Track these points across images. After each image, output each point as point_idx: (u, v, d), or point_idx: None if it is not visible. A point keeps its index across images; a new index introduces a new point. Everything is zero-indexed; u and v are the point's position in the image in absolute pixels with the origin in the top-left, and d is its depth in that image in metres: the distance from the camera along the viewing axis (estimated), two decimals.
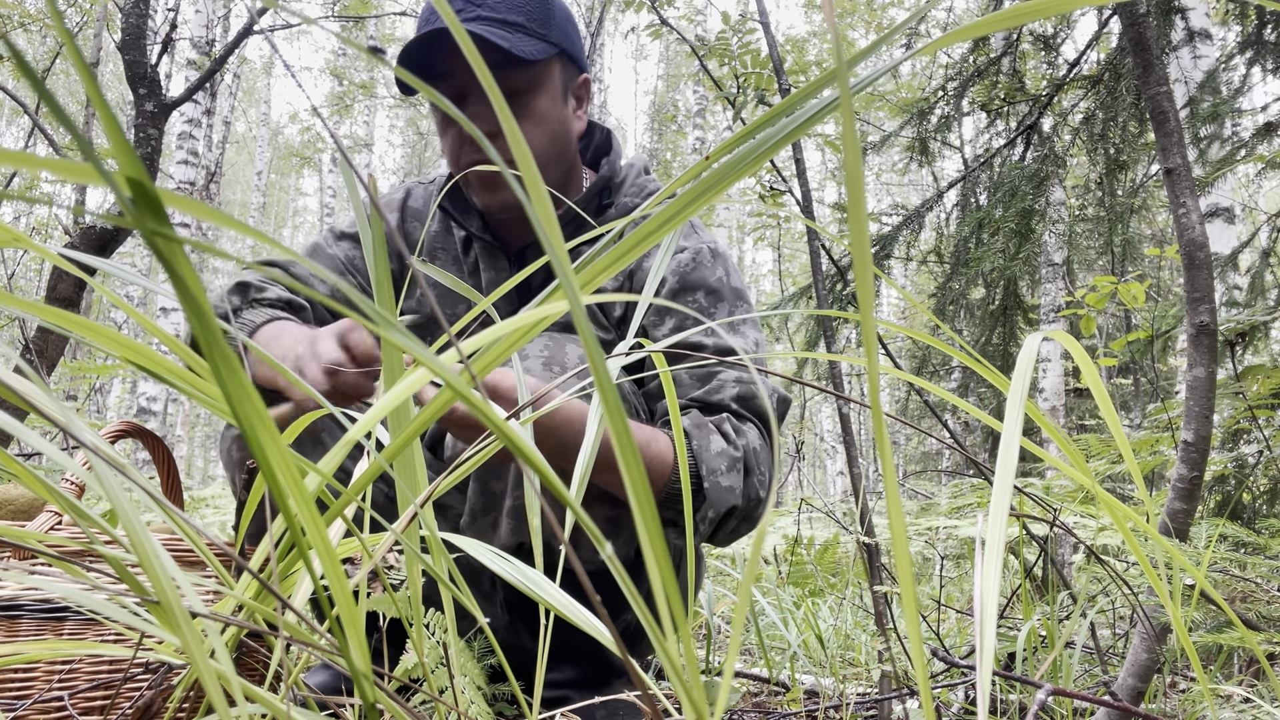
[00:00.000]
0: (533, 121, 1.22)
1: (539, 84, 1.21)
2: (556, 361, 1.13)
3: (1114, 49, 3.12)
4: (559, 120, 1.25)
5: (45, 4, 4.41)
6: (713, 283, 1.26)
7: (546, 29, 1.20)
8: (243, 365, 0.28)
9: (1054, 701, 1.06)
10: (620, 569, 0.29)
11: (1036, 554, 2.56)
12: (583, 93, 1.31)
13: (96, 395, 9.86)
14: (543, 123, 1.23)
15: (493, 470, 1.13)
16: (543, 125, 1.23)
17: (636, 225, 0.37)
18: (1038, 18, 0.29)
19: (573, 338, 1.18)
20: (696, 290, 1.26)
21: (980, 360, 0.41)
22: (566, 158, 1.30)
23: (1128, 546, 0.86)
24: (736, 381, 1.17)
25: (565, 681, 1.22)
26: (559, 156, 1.28)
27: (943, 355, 3.71)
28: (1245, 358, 2.08)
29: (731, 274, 1.29)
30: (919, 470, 7.70)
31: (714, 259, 1.28)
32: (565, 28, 1.24)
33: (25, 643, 0.46)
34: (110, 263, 0.39)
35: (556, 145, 1.26)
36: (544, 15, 1.20)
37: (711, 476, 1.10)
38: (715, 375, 1.18)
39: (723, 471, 1.10)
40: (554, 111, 1.24)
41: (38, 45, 9.68)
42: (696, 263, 1.26)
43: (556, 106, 1.25)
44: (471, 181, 1.25)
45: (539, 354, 1.14)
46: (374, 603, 0.65)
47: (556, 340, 1.16)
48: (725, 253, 1.32)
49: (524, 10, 1.18)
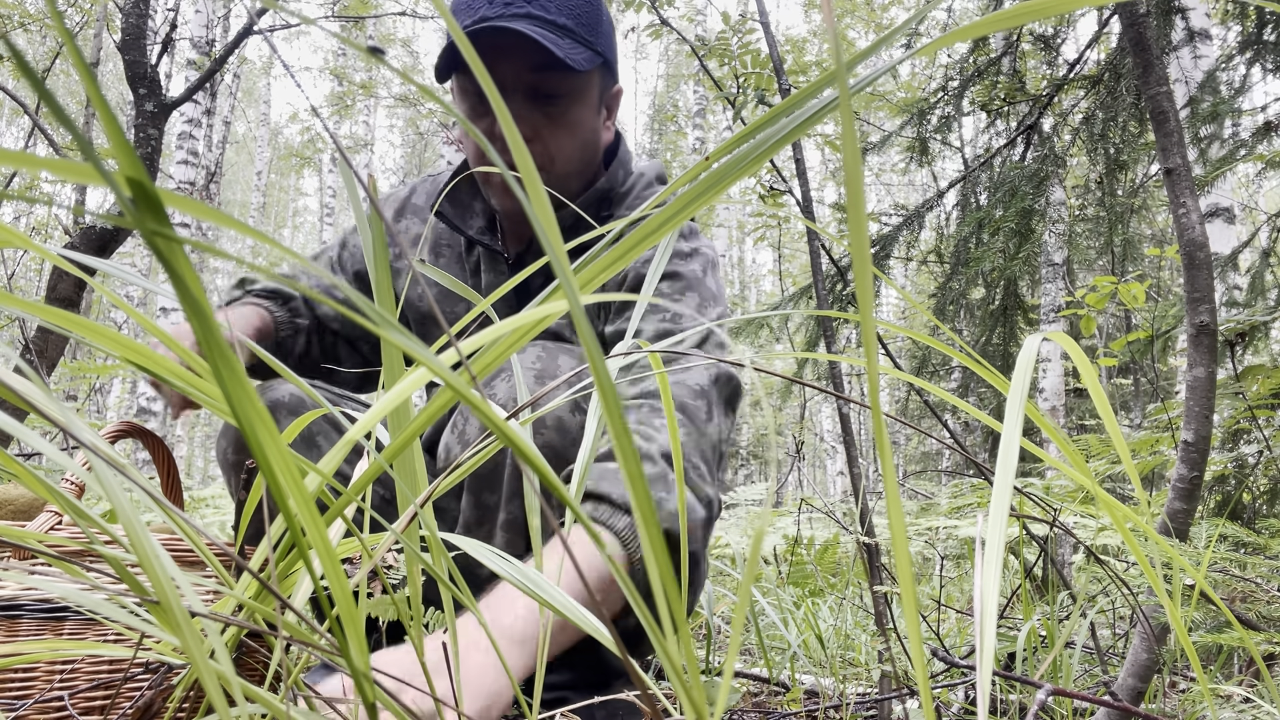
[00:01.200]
0: (568, 130, 1.20)
1: (580, 92, 1.19)
2: (549, 374, 1.11)
3: (1114, 49, 3.12)
4: (591, 130, 1.24)
5: (45, 4, 4.40)
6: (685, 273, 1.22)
7: (594, 36, 1.17)
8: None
9: (1054, 701, 1.06)
10: (620, 569, 0.29)
11: (1036, 554, 2.56)
12: (614, 103, 1.30)
13: (96, 395, 9.87)
14: (577, 132, 1.21)
15: (486, 483, 1.11)
16: (577, 134, 1.21)
17: (636, 226, 0.37)
18: (1038, 18, 0.29)
19: (565, 348, 1.16)
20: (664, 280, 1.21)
21: (980, 361, 0.41)
22: (592, 166, 1.28)
23: (1127, 546, 0.86)
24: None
25: (564, 683, 1.22)
26: (585, 165, 1.26)
27: (943, 355, 3.71)
28: (1245, 358, 2.08)
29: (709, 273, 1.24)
30: (919, 470, 7.71)
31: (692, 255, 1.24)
32: (609, 36, 1.22)
33: (25, 643, 0.46)
34: (110, 263, 0.39)
35: (586, 155, 1.25)
36: (593, 21, 1.18)
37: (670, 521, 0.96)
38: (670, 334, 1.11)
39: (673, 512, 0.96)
40: (589, 121, 1.23)
41: (38, 45, 9.68)
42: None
43: (591, 116, 1.23)
44: (493, 182, 1.24)
45: (531, 365, 1.13)
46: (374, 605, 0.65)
47: (549, 351, 1.14)
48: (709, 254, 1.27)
49: (574, 14, 1.15)
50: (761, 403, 10.63)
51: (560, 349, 1.15)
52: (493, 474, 1.11)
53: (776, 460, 0.97)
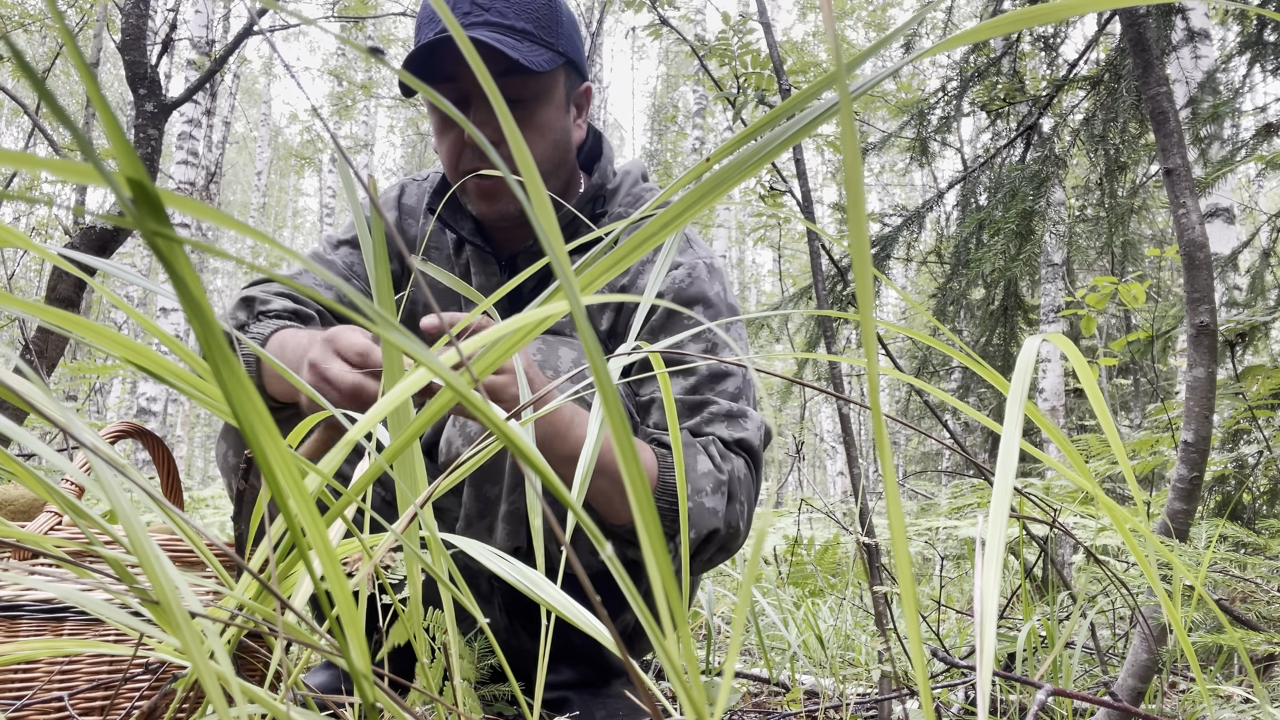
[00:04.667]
0: (537, 131, 1.21)
1: (544, 93, 1.20)
2: (549, 365, 1.12)
3: (1114, 49, 3.12)
4: (562, 130, 1.24)
5: (45, 4, 4.41)
6: (711, 297, 1.25)
7: (554, 37, 1.19)
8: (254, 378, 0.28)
9: (1054, 702, 1.06)
10: (620, 569, 0.29)
11: (1036, 554, 2.56)
12: (583, 100, 1.31)
13: (96, 395, 9.86)
14: (546, 133, 1.22)
15: (488, 474, 1.12)
16: (546, 135, 1.22)
17: (636, 228, 0.37)
18: (1040, 23, 0.29)
19: (565, 340, 1.17)
20: (694, 305, 1.24)
21: (979, 361, 0.41)
22: (567, 166, 1.29)
23: (1127, 547, 0.86)
24: (726, 416, 1.13)
25: (564, 683, 1.22)
26: (560, 165, 1.27)
27: (943, 356, 3.71)
28: (1245, 358, 2.08)
29: (727, 290, 1.28)
30: (919, 470, 7.70)
31: (710, 274, 1.26)
32: (571, 35, 1.22)
33: (25, 643, 0.46)
34: (110, 263, 0.39)
35: (558, 155, 1.26)
36: (552, 23, 1.19)
37: (696, 496, 1.07)
38: (706, 405, 1.15)
39: (707, 492, 1.07)
40: (557, 121, 1.23)
41: (38, 45, 9.68)
42: (693, 278, 1.25)
43: (560, 116, 1.24)
44: (469, 190, 1.24)
45: (532, 357, 1.13)
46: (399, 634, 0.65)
47: (550, 343, 1.15)
48: (721, 268, 1.30)
49: (532, 17, 1.16)
50: (762, 403, 10.61)
51: (561, 341, 1.16)
52: (494, 466, 1.12)
53: (777, 460, 0.97)
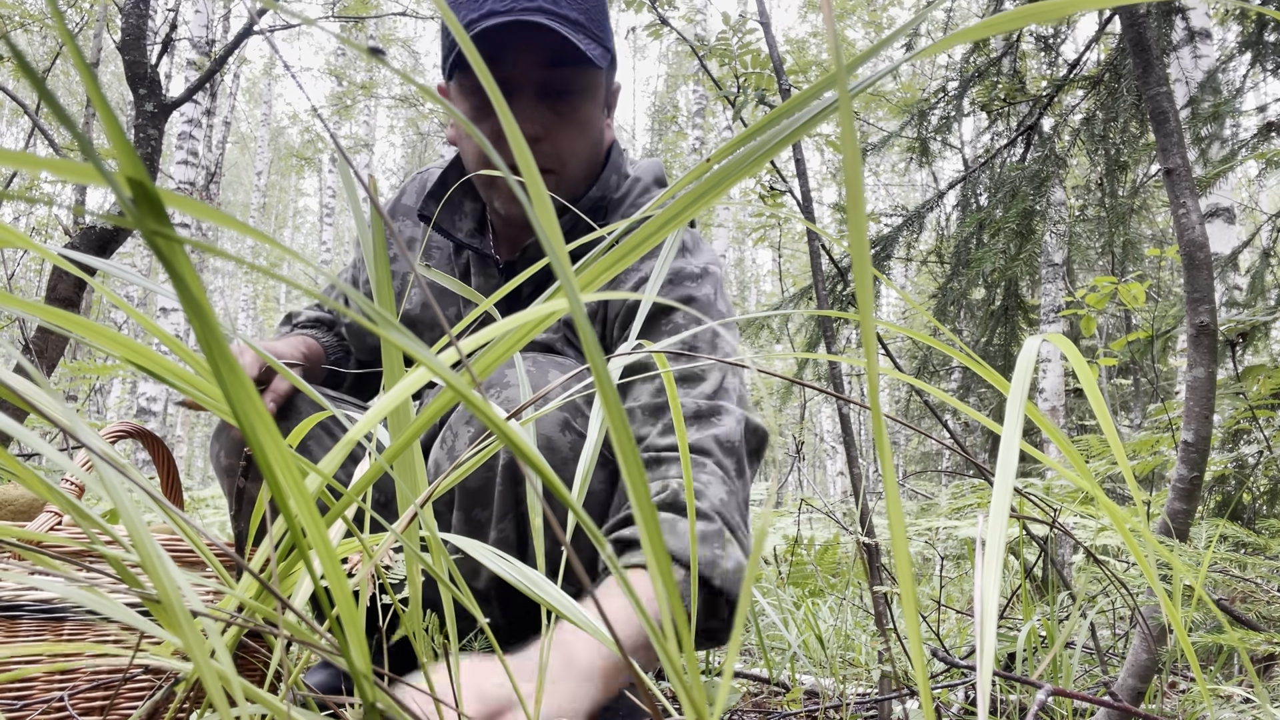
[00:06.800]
0: (578, 128, 1.15)
1: (591, 89, 1.15)
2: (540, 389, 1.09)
3: (1114, 49, 3.12)
4: (599, 130, 1.20)
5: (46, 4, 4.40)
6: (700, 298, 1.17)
7: (603, 32, 1.13)
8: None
9: (1054, 701, 1.06)
10: (620, 570, 0.29)
11: (1036, 554, 2.56)
12: (614, 101, 1.26)
13: (96, 395, 9.86)
14: (588, 130, 1.17)
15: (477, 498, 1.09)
16: (587, 133, 1.17)
17: (635, 229, 0.37)
18: (1040, 21, 0.29)
19: (556, 361, 1.12)
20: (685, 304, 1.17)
21: (979, 361, 0.41)
22: (596, 169, 1.24)
23: (1127, 547, 0.86)
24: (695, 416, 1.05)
25: None
26: (592, 167, 1.22)
27: (943, 356, 3.71)
28: (1245, 358, 2.08)
29: (720, 293, 1.21)
30: (919, 471, 7.70)
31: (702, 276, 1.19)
32: (612, 32, 1.18)
33: (25, 643, 0.46)
34: (110, 263, 0.39)
35: (594, 155, 1.21)
36: (601, 15, 1.13)
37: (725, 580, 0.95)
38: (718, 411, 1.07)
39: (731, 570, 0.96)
40: (597, 120, 1.19)
41: (38, 45, 9.68)
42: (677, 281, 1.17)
43: (599, 114, 1.19)
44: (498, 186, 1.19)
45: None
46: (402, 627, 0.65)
47: (540, 365, 1.10)
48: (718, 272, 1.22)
49: (584, 8, 1.10)
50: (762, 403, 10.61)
51: (551, 362, 1.11)
52: (483, 489, 1.08)
53: (776, 460, 0.97)
